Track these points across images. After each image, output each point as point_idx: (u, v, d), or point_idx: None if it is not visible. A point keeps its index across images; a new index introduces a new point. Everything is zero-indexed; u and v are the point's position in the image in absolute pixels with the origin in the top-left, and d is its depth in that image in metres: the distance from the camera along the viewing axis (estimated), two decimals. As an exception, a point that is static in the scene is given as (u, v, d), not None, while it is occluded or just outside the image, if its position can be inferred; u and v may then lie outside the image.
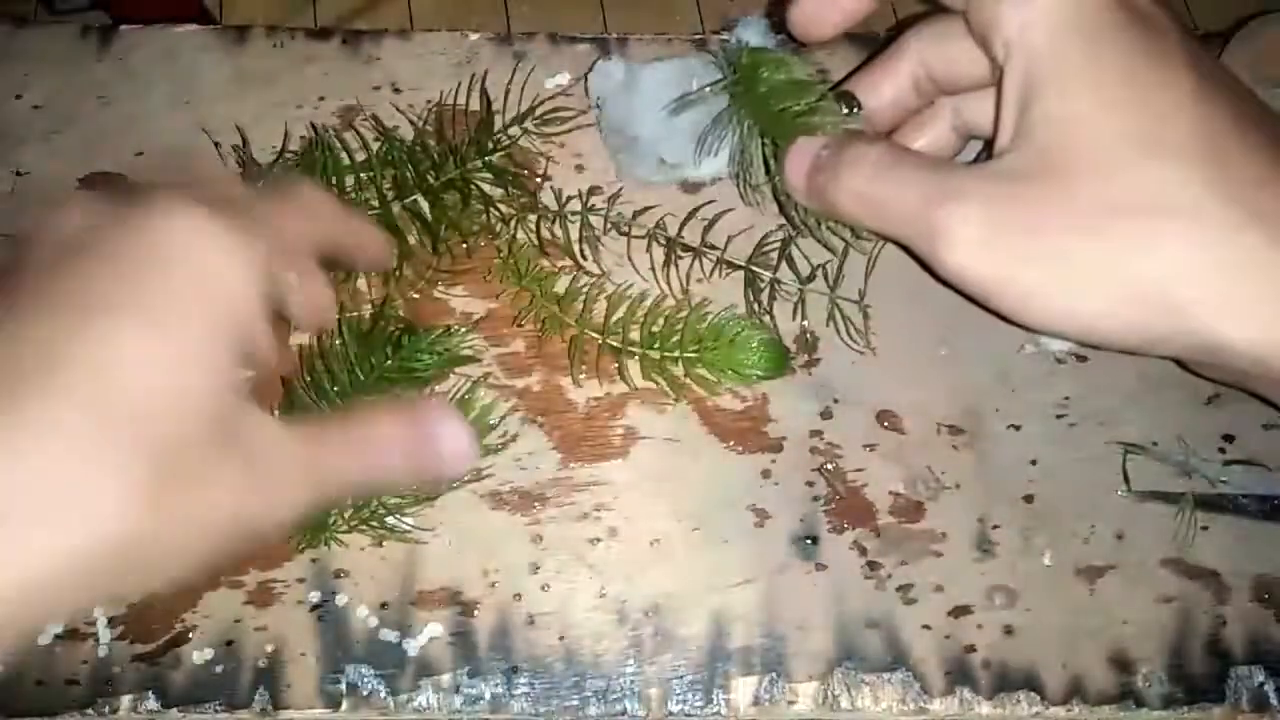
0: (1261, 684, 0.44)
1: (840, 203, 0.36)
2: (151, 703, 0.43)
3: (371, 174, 0.49)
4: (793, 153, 0.38)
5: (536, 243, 0.49)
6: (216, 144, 0.52)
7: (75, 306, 0.24)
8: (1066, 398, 0.47)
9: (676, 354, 0.46)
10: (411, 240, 0.48)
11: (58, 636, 0.43)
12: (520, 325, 0.48)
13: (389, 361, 0.45)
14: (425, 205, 0.48)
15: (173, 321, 0.25)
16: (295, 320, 0.34)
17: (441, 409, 0.32)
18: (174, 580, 0.26)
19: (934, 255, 0.32)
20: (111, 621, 0.44)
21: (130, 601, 0.44)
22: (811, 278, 0.48)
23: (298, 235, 0.31)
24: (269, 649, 0.43)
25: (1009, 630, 0.44)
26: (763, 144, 0.44)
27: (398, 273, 0.48)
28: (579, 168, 0.52)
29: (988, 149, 0.40)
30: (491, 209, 0.49)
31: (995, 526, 0.46)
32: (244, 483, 0.27)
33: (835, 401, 0.47)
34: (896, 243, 0.36)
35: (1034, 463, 0.47)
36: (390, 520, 0.44)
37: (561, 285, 0.48)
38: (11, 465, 0.23)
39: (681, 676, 0.44)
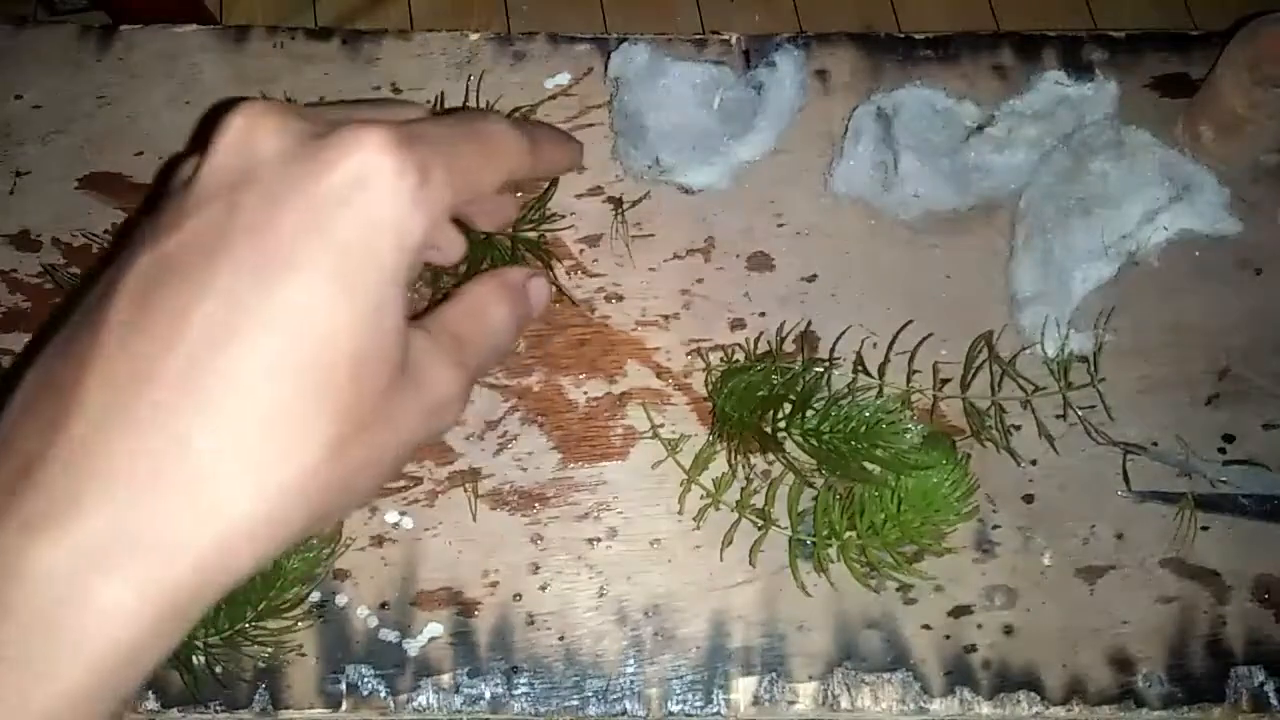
0: (1261, 684, 0.44)
1: None
2: (151, 703, 0.43)
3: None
4: None
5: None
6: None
7: (260, 257, 0.25)
8: (1067, 398, 0.47)
9: (889, 554, 0.43)
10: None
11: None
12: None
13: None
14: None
15: (354, 276, 0.26)
16: (474, 226, 0.35)
17: (518, 271, 0.34)
18: (360, 504, 0.28)
19: None
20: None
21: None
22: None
23: (484, 173, 0.31)
24: (269, 649, 0.43)
25: (1009, 630, 0.44)
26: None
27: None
28: (579, 168, 0.52)
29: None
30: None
31: (995, 527, 0.46)
32: (419, 410, 0.28)
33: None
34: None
35: (1034, 463, 0.47)
36: (252, 635, 0.43)
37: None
38: (209, 423, 0.24)
39: (681, 676, 0.44)
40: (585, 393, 0.48)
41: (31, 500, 0.24)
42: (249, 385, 0.25)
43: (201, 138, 0.29)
